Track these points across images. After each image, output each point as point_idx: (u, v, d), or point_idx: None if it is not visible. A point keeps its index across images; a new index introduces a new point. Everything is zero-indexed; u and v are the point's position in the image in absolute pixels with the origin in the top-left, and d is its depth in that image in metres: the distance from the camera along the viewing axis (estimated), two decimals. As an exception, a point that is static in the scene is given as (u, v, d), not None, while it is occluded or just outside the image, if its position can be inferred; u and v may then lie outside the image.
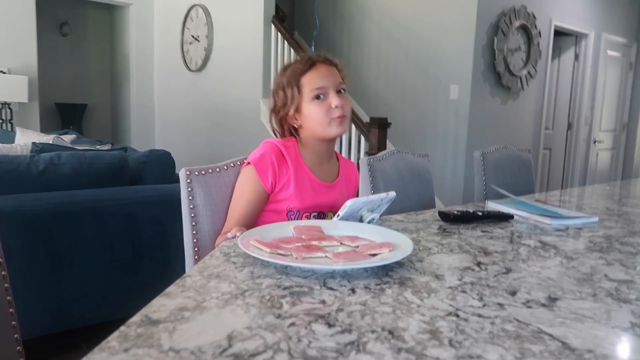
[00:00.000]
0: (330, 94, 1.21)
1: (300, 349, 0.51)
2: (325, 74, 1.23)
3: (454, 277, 0.77)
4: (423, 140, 4.23)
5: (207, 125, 4.96)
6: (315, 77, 1.22)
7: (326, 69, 1.24)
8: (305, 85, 1.22)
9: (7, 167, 1.99)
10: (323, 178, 1.27)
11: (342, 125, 1.22)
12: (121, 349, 0.49)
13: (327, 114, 1.21)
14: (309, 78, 1.22)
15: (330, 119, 1.21)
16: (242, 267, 0.77)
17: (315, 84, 1.21)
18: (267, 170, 1.19)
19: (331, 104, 1.20)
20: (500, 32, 3.96)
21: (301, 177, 1.23)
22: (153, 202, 2.18)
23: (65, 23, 6.28)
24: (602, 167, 5.70)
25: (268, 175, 1.19)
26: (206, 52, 4.87)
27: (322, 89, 1.21)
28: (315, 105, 1.21)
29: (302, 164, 1.24)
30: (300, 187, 1.22)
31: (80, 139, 3.83)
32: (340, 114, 1.21)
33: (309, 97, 1.22)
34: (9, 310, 0.83)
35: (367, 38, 4.74)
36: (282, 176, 1.20)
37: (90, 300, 2.02)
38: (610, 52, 5.41)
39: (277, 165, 1.20)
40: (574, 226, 1.21)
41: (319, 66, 1.24)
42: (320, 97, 1.21)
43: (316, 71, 1.23)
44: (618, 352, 0.54)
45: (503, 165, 2.18)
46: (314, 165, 1.27)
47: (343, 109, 1.21)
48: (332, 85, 1.22)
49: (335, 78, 1.24)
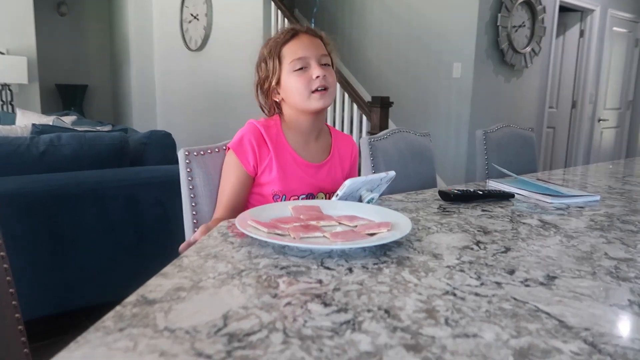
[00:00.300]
0: (312, 65, 1.15)
1: (295, 328, 0.51)
2: (307, 44, 1.17)
3: (452, 256, 0.76)
4: (425, 119, 4.20)
5: (208, 105, 4.93)
6: (296, 47, 1.16)
7: (309, 40, 1.18)
8: (286, 56, 1.16)
9: (7, 149, 1.99)
10: (309, 157, 1.21)
11: (324, 98, 1.15)
12: (116, 328, 0.49)
13: (307, 85, 1.14)
14: (290, 48, 1.16)
15: (310, 91, 1.14)
16: (240, 247, 0.77)
17: (296, 54, 1.15)
18: (246, 153, 1.15)
19: (312, 75, 1.14)
20: (504, 8, 3.90)
21: (284, 158, 1.18)
22: (154, 183, 2.18)
23: (62, 2, 6.20)
24: (606, 145, 5.66)
25: (249, 159, 1.16)
26: (206, 31, 4.82)
27: (303, 59, 1.15)
28: (295, 76, 1.15)
29: (285, 145, 1.19)
30: (284, 169, 1.17)
31: (81, 120, 3.81)
32: (321, 85, 1.14)
33: (289, 68, 1.16)
34: (8, 290, 0.84)
35: (368, 15, 4.67)
36: (263, 158, 1.16)
37: (92, 282, 2.04)
38: (616, 28, 5.32)
39: (257, 147, 1.15)
40: (575, 205, 1.20)
41: (301, 36, 1.18)
42: (302, 69, 1.15)
43: (298, 41, 1.17)
44: (615, 329, 0.53)
45: (505, 144, 2.16)
46: (298, 144, 1.21)
47: (325, 80, 1.15)
48: (314, 56, 1.15)
49: (318, 49, 1.17)
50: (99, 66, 6.60)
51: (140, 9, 5.63)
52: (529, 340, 0.50)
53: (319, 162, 1.22)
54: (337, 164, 1.26)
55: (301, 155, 1.20)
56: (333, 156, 1.25)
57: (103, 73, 6.62)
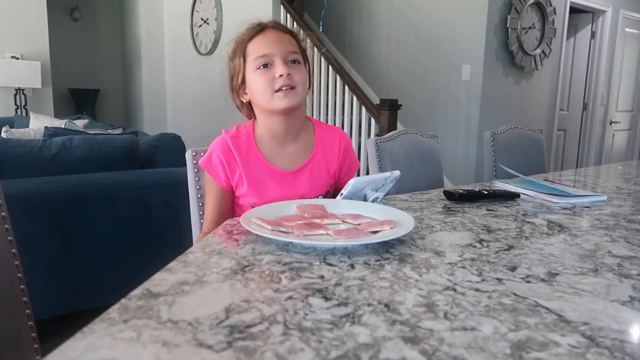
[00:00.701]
0: (276, 63, 1.07)
1: (295, 321, 0.52)
2: (273, 40, 1.09)
3: (454, 253, 0.77)
4: (434, 121, 4.19)
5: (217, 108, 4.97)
6: (260, 44, 1.09)
7: (275, 35, 1.10)
8: (250, 53, 1.09)
9: (20, 151, 2.03)
10: (285, 164, 1.14)
11: (288, 97, 1.07)
12: (121, 319, 0.51)
13: (270, 84, 1.07)
14: (254, 45, 1.09)
15: (273, 90, 1.07)
16: (244, 244, 0.78)
17: (260, 50, 1.08)
18: (217, 170, 1.12)
19: (275, 73, 1.06)
20: (514, 9, 3.88)
21: (256, 170, 1.11)
22: (164, 185, 2.21)
23: (75, 8, 6.30)
24: (618, 148, 5.61)
25: (220, 175, 1.12)
26: (215, 35, 4.86)
27: (266, 56, 1.07)
28: (258, 74, 1.08)
29: (257, 155, 1.12)
30: (256, 181, 1.11)
31: (93, 123, 3.87)
32: (284, 84, 1.06)
33: (253, 65, 1.09)
34: (20, 286, 0.86)
35: (377, 18, 4.68)
36: (234, 173, 1.11)
37: (102, 282, 2.06)
38: (628, 29, 5.27)
39: (226, 163, 1.11)
40: (582, 205, 1.20)
41: (267, 32, 1.11)
42: (266, 66, 1.08)
43: (263, 37, 1.10)
44: (614, 324, 0.53)
45: (513, 146, 2.16)
46: (272, 150, 1.14)
47: (290, 78, 1.07)
48: (279, 53, 1.08)
49: (284, 46, 1.09)
50: (111, 71, 6.68)
51: (152, 13, 5.70)
52: (527, 333, 0.51)
53: (297, 167, 1.14)
54: (322, 162, 1.17)
55: (276, 164, 1.13)
56: (315, 155, 1.17)
57: (115, 77, 6.70)
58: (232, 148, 1.11)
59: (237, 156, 1.11)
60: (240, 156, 1.11)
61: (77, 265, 2.00)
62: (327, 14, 4.91)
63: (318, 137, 1.19)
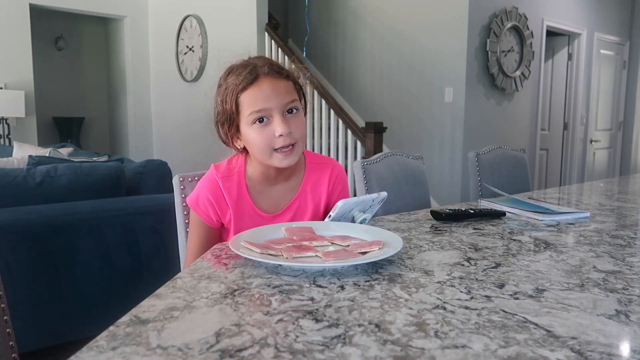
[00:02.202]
0: (275, 118, 1.00)
1: (287, 343, 0.51)
2: (269, 92, 1.00)
3: (443, 272, 0.77)
4: (419, 143, 4.24)
5: (203, 135, 4.97)
6: (255, 97, 1.00)
7: (270, 85, 1.01)
8: (244, 106, 1.01)
9: (4, 180, 2.00)
10: (270, 206, 1.09)
11: (289, 159, 1.02)
12: (109, 347, 0.50)
13: (269, 143, 1.00)
14: (248, 97, 1.00)
15: (272, 149, 1.01)
16: (233, 268, 0.78)
17: (255, 105, 1.00)
18: (206, 211, 1.08)
19: (275, 132, 0.99)
20: (493, 33, 3.99)
21: (243, 212, 1.08)
22: (150, 212, 2.19)
23: (60, 37, 6.32)
24: (599, 166, 5.71)
25: (210, 215, 1.08)
26: (201, 62, 4.90)
27: (263, 111, 1.00)
28: (255, 130, 1.01)
29: (244, 196, 1.08)
30: (242, 222, 1.07)
31: (78, 151, 3.84)
32: (285, 144, 1.00)
33: (248, 120, 1.01)
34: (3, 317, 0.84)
35: (360, 43, 4.77)
36: (224, 213, 1.08)
37: (89, 312, 2.02)
38: (603, 50, 5.44)
39: (216, 204, 1.07)
40: (566, 221, 1.21)
41: (262, 82, 1.01)
42: (263, 121, 1.01)
43: (257, 89, 1.00)
44: (601, 338, 0.54)
45: (498, 165, 2.19)
46: (260, 191, 1.09)
47: (291, 137, 1.00)
48: (277, 106, 1.00)
49: (281, 97, 1.01)
50: (96, 98, 6.68)
51: (137, 42, 5.74)
52: (517, 349, 0.51)
53: (281, 209, 1.10)
54: (308, 200, 1.12)
55: (260, 206, 1.09)
56: (302, 194, 1.12)
57: (100, 105, 6.69)
58: (222, 189, 1.06)
59: (227, 198, 1.07)
60: (231, 198, 1.07)
61: (62, 295, 1.96)
62: (312, 40, 5.00)
63: (308, 172, 1.14)
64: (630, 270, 0.80)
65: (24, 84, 4.88)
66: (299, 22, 5.35)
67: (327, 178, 1.15)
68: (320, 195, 1.14)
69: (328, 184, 1.14)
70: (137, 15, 5.69)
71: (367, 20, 4.68)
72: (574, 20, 4.98)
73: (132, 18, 5.66)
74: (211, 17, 4.82)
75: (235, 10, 4.49)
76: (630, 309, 0.63)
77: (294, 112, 1.03)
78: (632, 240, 1.03)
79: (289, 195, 1.11)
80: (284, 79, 1.04)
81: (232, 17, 4.54)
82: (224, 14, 4.66)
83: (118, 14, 5.61)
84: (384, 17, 4.51)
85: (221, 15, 4.70)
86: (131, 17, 5.65)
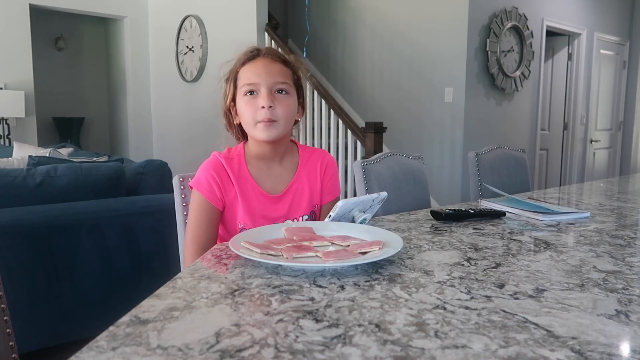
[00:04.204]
0: (262, 92, 1.09)
1: (287, 344, 0.51)
2: (261, 68, 1.10)
3: (443, 272, 0.77)
4: (419, 144, 4.24)
5: (203, 135, 4.98)
6: (250, 71, 1.11)
7: (264, 64, 1.11)
8: (241, 78, 1.12)
9: (4, 181, 2.00)
10: (270, 187, 1.15)
11: (268, 131, 1.09)
12: (109, 347, 0.50)
13: (254, 114, 1.09)
14: (244, 71, 1.12)
15: (255, 120, 1.09)
16: (233, 268, 0.78)
17: (248, 78, 1.10)
18: (211, 188, 1.10)
19: (259, 104, 1.08)
20: (492, 33, 3.99)
21: (247, 190, 1.12)
22: (150, 212, 2.19)
23: (60, 37, 6.32)
24: (599, 166, 5.71)
25: (215, 191, 1.10)
26: (201, 62, 4.90)
27: (253, 85, 1.09)
28: (245, 101, 1.11)
29: (246, 175, 1.13)
30: (248, 201, 1.11)
31: (78, 151, 3.84)
32: (265, 118, 1.08)
33: (241, 91, 1.11)
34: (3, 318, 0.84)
35: (360, 44, 4.77)
36: (228, 192, 1.11)
37: (89, 313, 2.02)
38: (603, 50, 5.44)
39: (220, 181, 1.10)
40: (566, 221, 1.21)
41: (259, 59, 1.12)
42: (252, 94, 1.10)
43: (253, 64, 1.11)
44: (602, 338, 0.54)
45: (498, 165, 2.19)
46: (260, 172, 1.15)
47: (272, 112, 1.08)
48: (265, 83, 1.09)
49: (272, 76, 1.10)
50: (96, 99, 6.68)
51: (137, 42, 5.74)
52: (517, 349, 0.51)
53: (281, 189, 1.15)
54: (305, 184, 1.18)
55: (262, 186, 1.14)
56: (299, 177, 1.18)
57: (100, 105, 6.69)
58: (226, 167, 1.12)
59: (231, 175, 1.11)
60: (234, 175, 1.11)
61: (62, 295, 1.96)
62: (312, 40, 5.00)
63: (302, 159, 1.21)
64: (630, 270, 0.80)
65: (24, 84, 4.88)
66: (299, 22, 5.36)
67: (319, 164, 1.22)
68: (315, 178, 1.20)
69: (320, 169, 1.21)
70: (137, 15, 5.69)
71: (367, 20, 4.68)
72: (573, 20, 4.98)
73: (132, 18, 5.66)
74: (211, 17, 4.82)
75: (235, 11, 4.49)
76: (630, 309, 0.63)
77: (283, 93, 1.11)
78: (632, 240, 1.03)
79: (287, 177, 1.18)
80: (281, 63, 1.14)
81: (232, 17, 4.54)
82: (224, 14, 4.66)
83: (118, 14, 5.61)
84: (384, 17, 4.51)
85: (221, 16, 4.70)
86: (131, 18, 5.66)
